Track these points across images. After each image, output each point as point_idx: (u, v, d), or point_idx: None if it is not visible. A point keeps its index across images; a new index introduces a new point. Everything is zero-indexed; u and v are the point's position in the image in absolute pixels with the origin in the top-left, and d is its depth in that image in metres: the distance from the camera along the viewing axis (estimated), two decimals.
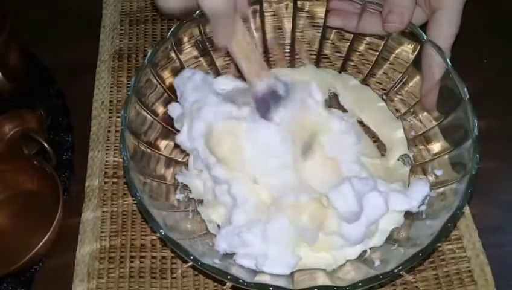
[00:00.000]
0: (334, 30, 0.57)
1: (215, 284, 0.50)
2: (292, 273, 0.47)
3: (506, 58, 0.63)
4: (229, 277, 0.41)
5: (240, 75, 0.51)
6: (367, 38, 0.56)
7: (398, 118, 0.56)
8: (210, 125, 0.48)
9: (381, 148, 0.55)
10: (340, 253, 0.47)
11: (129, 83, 0.60)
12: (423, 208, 0.48)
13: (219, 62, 0.57)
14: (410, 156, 0.53)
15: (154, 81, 0.52)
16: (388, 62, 0.56)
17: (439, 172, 0.50)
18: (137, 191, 0.44)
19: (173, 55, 0.53)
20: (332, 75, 0.59)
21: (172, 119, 0.52)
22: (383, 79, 0.57)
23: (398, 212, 0.48)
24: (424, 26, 0.53)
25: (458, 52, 0.52)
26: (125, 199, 0.55)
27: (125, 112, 0.47)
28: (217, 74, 0.58)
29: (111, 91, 0.62)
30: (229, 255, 0.47)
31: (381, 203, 0.46)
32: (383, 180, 0.49)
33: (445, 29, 0.51)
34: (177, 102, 0.52)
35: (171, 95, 0.54)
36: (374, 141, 0.56)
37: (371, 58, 0.57)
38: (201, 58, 0.56)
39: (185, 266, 0.51)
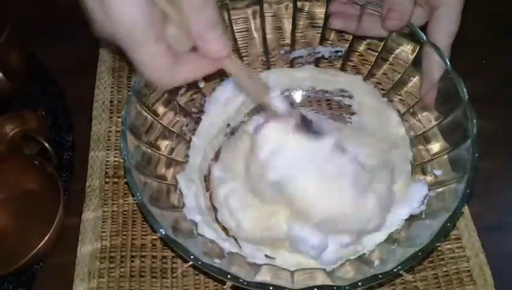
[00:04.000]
0: (334, 31, 0.57)
1: (216, 283, 0.50)
2: (292, 273, 0.47)
3: (506, 59, 0.63)
4: (229, 276, 0.41)
5: None
6: (366, 39, 0.56)
7: None
8: None
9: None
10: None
11: (130, 83, 0.60)
12: (423, 208, 0.48)
13: None
14: (410, 156, 0.54)
15: None
16: (388, 62, 0.56)
17: (438, 172, 0.50)
18: (138, 191, 0.44)
19: None
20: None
21: None
22: (382, 79, 0.57)
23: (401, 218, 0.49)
24: (424, 27, 0.53)
25: (457, 52, 0.52)
26: (126, 198, 0.55)
27: (126, 112, 0.47)
28: (217, 74, 0.58)
29: (111, 91, 0.62)
30: (229, 254, 0.48)
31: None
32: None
33: (445, 27, 0.51)
34: None
35: (171, 95, 0.54)
36: None
37: (370, 58, 0.57)
38: None
39: (186, 265, 0.51)
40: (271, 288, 0.40)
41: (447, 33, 0.51)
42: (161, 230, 0.43)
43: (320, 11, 0.56)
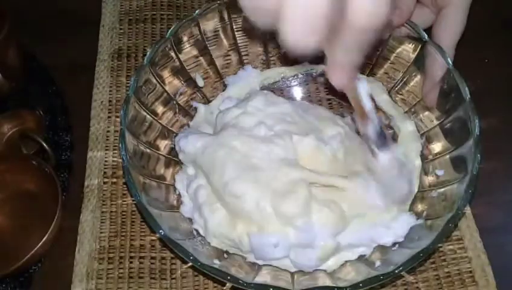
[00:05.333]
0: None
1: (215, 284, 0.50)
2: (292, 274, 0.46)
3: (508, 58, 0.62)
4: (228, 277, 0.41)
5: None
6: None
7: None
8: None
9: None
10: (337, 256, 0.47)
11: (128, 83, 0.59)
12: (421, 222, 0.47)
13: (219, 62, 0.57)
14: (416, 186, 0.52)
15: (154, 80, 0.52)
16: (389, 62, 0.56)
17: (440, 172, 0.49)
18: (137, 191, 0.44)
19: (173, 54, 0.53)
20: None
21: None
22: (383, 78, 0.57)
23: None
24: (429, 27, 0.53)
25: (459, 51, 0.51)
26: (125, 199, 0.55)
27: (125, 112, 0.47)
28: (217, 73, 0.57)
29: (110, 91, 0.61)
30: (229, 255, 0.47)
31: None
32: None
33: (451, 27, 0.51)
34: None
35: (170, 94, 0.53)
36: None
37: (371, 57, 0.56)
38: (201, 58, 0.56)
39: (185, 266, 0.51)
40: (271, 289, 0.40)
41: (452, 33, 0.51)
42: (160, 231, 0.42)
43: None
